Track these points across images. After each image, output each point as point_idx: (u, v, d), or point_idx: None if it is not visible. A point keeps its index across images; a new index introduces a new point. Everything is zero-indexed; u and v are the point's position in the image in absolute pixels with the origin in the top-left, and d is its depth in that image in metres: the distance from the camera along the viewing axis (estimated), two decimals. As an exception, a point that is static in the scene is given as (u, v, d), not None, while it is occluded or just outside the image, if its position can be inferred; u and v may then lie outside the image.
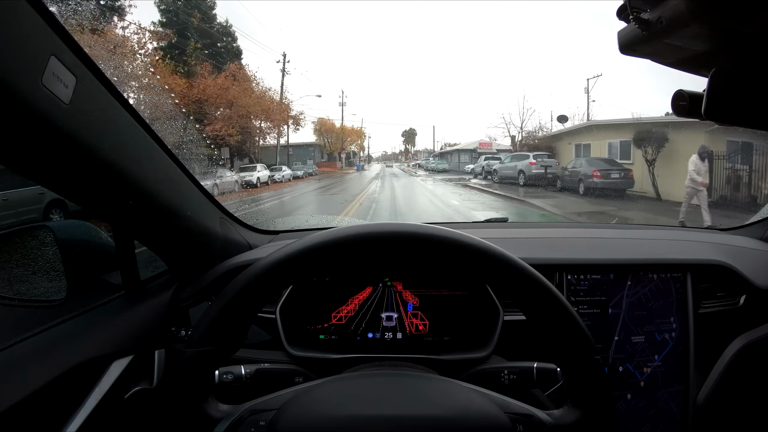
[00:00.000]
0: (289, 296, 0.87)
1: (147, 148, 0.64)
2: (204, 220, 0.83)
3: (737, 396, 0.88)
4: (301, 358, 0.82)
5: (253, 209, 8.29)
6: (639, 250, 0.96)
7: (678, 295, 0.91)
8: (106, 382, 0.64)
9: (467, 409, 0.51)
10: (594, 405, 0.51)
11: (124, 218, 0.66)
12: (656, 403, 0.90)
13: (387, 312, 0.88)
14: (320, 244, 0.51)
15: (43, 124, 0.43)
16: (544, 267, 0.76)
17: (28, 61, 0.40)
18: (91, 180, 0.55)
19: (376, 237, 0.51)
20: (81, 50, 0.47)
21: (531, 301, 0.51)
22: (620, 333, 0.90)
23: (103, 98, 0.53)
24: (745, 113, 0.51)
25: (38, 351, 0.61)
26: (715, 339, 0.91)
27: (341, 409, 0.50)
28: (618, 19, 0.51)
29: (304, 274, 0.52)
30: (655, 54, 0.52)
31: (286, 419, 0.49)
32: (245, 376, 0.73)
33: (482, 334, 0.86)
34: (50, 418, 0.57)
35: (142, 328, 0.74)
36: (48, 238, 0.68)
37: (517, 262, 0.51)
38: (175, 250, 0.80)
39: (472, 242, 0.51)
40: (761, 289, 0.91)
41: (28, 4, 0.40)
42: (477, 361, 0.82)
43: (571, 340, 0.50)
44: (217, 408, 0.52)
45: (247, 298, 0.51)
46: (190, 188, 0.78)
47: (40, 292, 0.69)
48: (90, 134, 0.50)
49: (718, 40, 0.46)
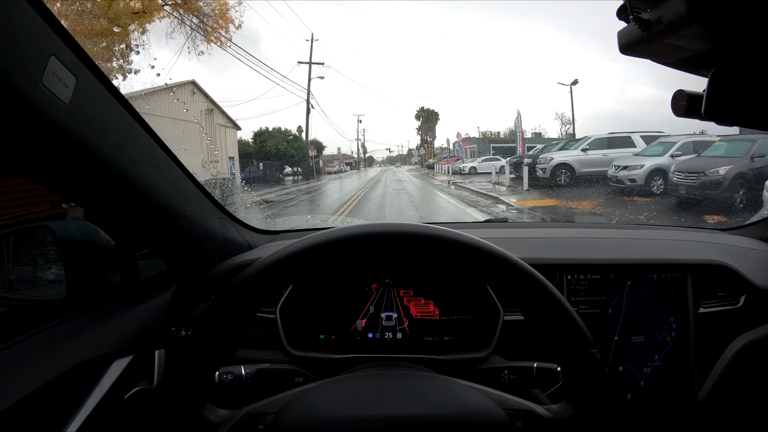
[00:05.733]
0: (289, 296, 0.87)
1: (147, 148, 0.64)
2: (204, 220, 0.83)
3: (737, 396, 0.88)
4: (301, 358, 0.82)
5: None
6: (639, 250, 0.96)
7: (678, 295, 0.91)
8: (106, 382, 0.64)
9: (465, 406, 0.51)
10: (592, 398, 0.51)
11: (124, 218, 0.66)
12: (656, 403, 0.90)
13: (387, 312, 0.88)
14: (320, 244, 0.51)
15: (43, 124, 0.43)
16: (544, 267, 0.76)
17: (28, 61, 0.40)
18: (91, 180, 0.55)
19: (375, 236, 0.51)
20: (81, 50, 0.47)
21: (529, 299, 0.51)
22: (620, 333, 0.90)
23: (103, 98, 0.53)
24: (745, 113, 0.51)
25: (38, 351, 0.61)
26: (715, 339, 0.91)
27: (340, 410, 0.51)
28: (618, 19, 0.51)
29: (304, 274, 0.52)
30: (655, 54, 0.52)
31: (286, 422, 0.49)
32: (245, 376, 0.73)
33: (482, 334, 0.86)
34: (50, 417, 0.57)
35: (142, 328, 0.74)
36: (48, 238, 0.68)
37: (516, 260, 0.51)
38: (175, 250, 0.80)
39: (472, 242, 0.51)
40: (761, 289, 0.91)
41: (28, 4, 0.40)
42: (477, 361, 0.82)
43: (568, 335, 0.51)
44: (216, 413, 0.52)
45: (247, 298, 0.51)
46: (190, 188, 0.78)
47: (40, 292, 0.69)
48: (90, 134, 0.50)
49: (718, 40, 0.46)
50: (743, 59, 0.48)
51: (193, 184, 0.79)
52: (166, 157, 0.68)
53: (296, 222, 2.95)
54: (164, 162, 0.69)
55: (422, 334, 0.87)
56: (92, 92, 0.50)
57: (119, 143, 0.57)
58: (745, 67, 0.49)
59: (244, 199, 5.72)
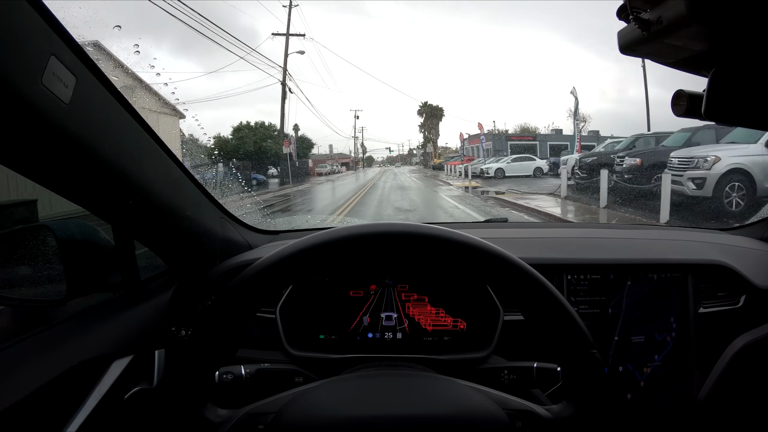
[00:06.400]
0: (289, 296, 0.87)
1: (147, 148, 0.64)
2: (204, 220, 0.83)
3: (738, 396, 0.88)
4: (300, 358, 0.82)
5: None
6: (639, 250, 0.96)
7: (678, 295, 0.91)
8: (106, 382, 0.64)
9: (465, 407, 0.51)
10: (592, 399, 0.51)
11: (124, 218, 0.66)
12: (656, 403, 0.90)
13: (387, 312, 0.88)
14: (320, 244, 0.51)
15: (43, 124, 0.43)
16: (544, 267, 0.76)
17: (28, 61, 0.40)
18: (91, 180, 0.55)
19: (375, 236, 0.51)
20: (81, 50, 0.47)
21: (529, 299, 0.51)
22: (620, 333, 0.90)
23: (103, 98, 0.53)
24: (745, 113, 0.52)
25: (38, 351, 0.61)
26: (716, 339, 0.91)
27: (340, 410, 0.51)
28: (618, 19, 0.51)
29: (304, 274, 0.52)
30: (655, 54, 0.52)
31: (285, 422, 0.50)
32: (245, 376, 0.73)
33: (482, 334, 0.86)
34: (50, 417, 0.57)
35: (142, 328, 0.74)
36: (48, 238, 0.68)
37: (516, 260, 0.51)
38: (175, 250, 0.80)
39: (472, 241, 0.51)
40: (761, 289, 0.91)
41: (28, 4, 0.40)
42: (477, 361, 0.82)
43: (568, 336, 0.51)
44: (216, 413, 0.52)
45: (247, 298, 0.51)
46: (190, 188, 0.78)
47: (40, 292, 0.69)
48: (90, 134, 0.50)
49: (718, 40, 0.46)
50: (743, 59, 0.48)
51: (193, 184, 0.79)
52: (166, 156, 0.68)
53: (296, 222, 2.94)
54: (164, 162, 0.69)
55: (422, 334, 0.87)
56: (92, 92, 0.50)
57: (119, 143, 0.57)
58: (745, 67, 0.49)
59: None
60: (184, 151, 4.16)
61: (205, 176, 5.12)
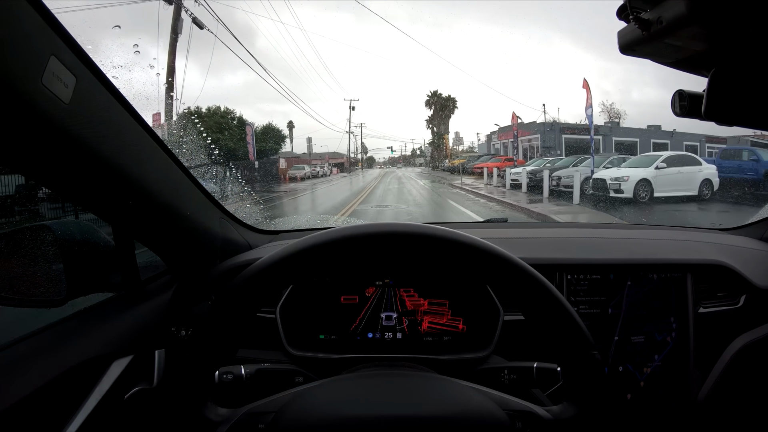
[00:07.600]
0: (289, 296, 0.87)
1: (147, 148, 0.64)
2: (204, 220, 0.83)
3: (737, 396, 0.88)
4: (300, 358, 0.82)
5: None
6: (639, 250, 0.96)
7: (678, 295, 0.91)
8: (106, 382, 0.64)
9: (466, 407, 0.51)
10: (592, 399, 0.51)
11: (124, 218, 0.66)
12: (656, 403, 0.90)
13: (387, 312, 0.88)
14: (320, 244, 0.51)
15: (43, 124, 0.43)
16: (544, 267, 0.76)
17: (28, 61, 0.40)
18: (91, 180, 0.55)
19: (375, 236, 0.51)
20: (81, 50, 0.47)
21: (530, 299, 0.51)
22: (620, 333, 0.90)
23: (103, 98, 0.53)
24: (745, 113, 0.52)
25: (38, 351, 0.61)
26: (715, 339, 0.91)
27: (340, 410, 0.51)
28: (618, 19, 0.51)
29: (304, 274, 0.52)
30: (655, 54, 0.52)
31: (285, 421, 0.50)
32: (245, 376, 0.73)
33: (482, 334, 0.86)
34: (50, 417, 0.57)
35: (142, 328, 0.74)
36: (48, 238, 0.68)
37: (516, 260, 0.51)
38: (175, 250, 0.80)
39: (472, 241, 0.51)
40: (761, 289, 0.91)
41: (28, 4, 0.40)
42: (477, 361, 0.82)
43: (568, 336, 0.51)
44: (216, 412, 0.52)
45: (247, 298, 0.51)
46: (190, 188, 0.78)
47: (40, 291, 0.68)
48: (90, 134, 0.50)
49: (718, 40, 0.46)
50: (743, 59, 0.48)
51: (193, 184, 0.79)
52: (166, 156, 0.68)
53: (296, 222, 2.94)
54: (164, 162, 0.69)
55: (422, 334, 0.87)
56: (92, 92, 0.50)
57: (119, 143, 0.57)
58: (745, 67, 0.49)
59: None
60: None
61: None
